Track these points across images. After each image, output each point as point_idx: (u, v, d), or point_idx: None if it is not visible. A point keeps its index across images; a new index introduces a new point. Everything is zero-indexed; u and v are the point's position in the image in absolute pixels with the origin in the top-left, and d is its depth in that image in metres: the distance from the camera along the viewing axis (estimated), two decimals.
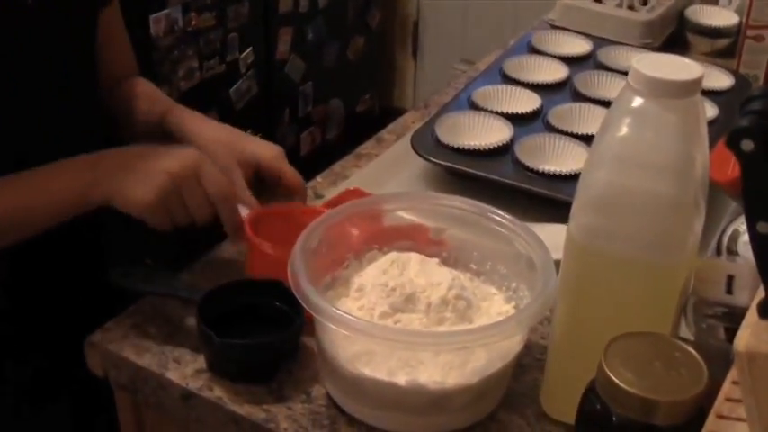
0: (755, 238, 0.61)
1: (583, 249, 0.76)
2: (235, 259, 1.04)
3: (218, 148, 1.05)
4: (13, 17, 0.97)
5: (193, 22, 2.25)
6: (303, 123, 2.79)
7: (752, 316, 0.62)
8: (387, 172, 1.22)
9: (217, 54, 2.35)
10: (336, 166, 1.26)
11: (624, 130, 0.72)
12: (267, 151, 1.07)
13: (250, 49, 2.48)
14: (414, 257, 0.91)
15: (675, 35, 1.65)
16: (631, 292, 0.75)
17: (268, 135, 2.53)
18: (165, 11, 2.14)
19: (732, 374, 0.65)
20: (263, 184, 1.07)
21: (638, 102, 0.71)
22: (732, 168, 0.92)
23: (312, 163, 1.23)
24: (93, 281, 1.11)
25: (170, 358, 0.90)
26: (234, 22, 2.40)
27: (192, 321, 0.91)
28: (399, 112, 3.24)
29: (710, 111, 1.26)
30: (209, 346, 0.87)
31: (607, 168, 0.73)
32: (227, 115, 2.41)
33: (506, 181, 1.12)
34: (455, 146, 1.17)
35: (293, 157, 2.90)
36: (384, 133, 1.36)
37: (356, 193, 1.06)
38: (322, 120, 2.88)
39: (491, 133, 1.21)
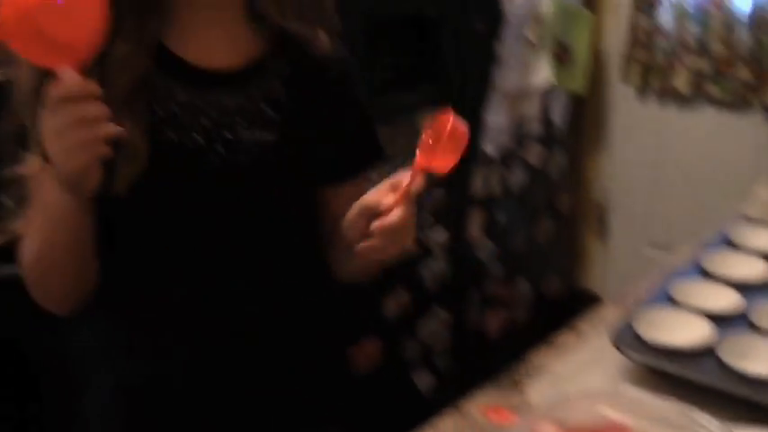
0: None
1: None
2: None
3: None
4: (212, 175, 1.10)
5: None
6: (490, 304, 2.82)
7: None
8: (585, 365, 1.23)
9: None
10: (532, 356, 1.28)
11: None
12: None
13: (442, 229, 2.57)
14: None
15: None
16: None
17: (455, 313, 2.62)
18: None
19: None
20: None
21: None
22: None
23: (499, 346, 1.27)
24: None
25: None
26: (429, 204, 2.49)
27: None
28: (588, 296, 3.23)
29: None
30: None
31: None
32: (418, 293, 2.49)
33: (710, 383, 1.10)
34: (656, 343, 1.17)
35: (479, 338, 2.92)
36: (580, 323, 1.38)
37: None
38: (509, 301, 2.91)
39: (692, 331, 1.20)
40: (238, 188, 1.12)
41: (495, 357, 2.86)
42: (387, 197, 1.03)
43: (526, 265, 2.94)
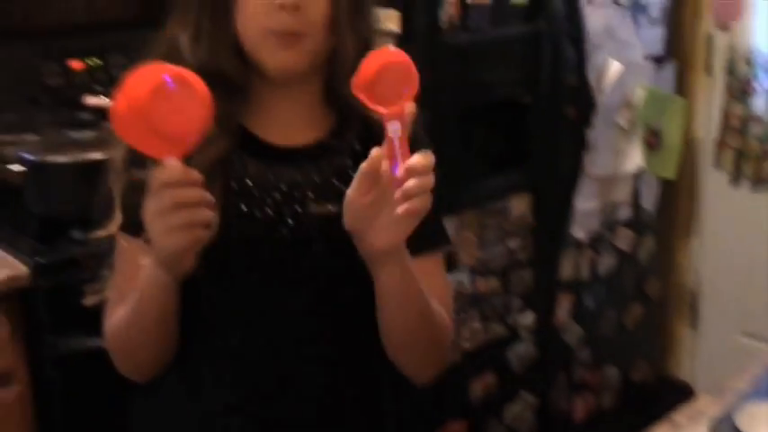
0: None
1: None
2: None
3: None
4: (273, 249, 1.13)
5: (479, 287, 2.37)
6: (578, 389, 2.77)
7: None
8: None
9: (499, 317, 2.44)
10: None
11: None
12: None
13: (531, 313, 2.56)
14: None
15: None
16: None
17: (542, 397, 2.58)
18: (454, 273, 2.27)
19: None
20: None
21: None
22: None
23: None
24: None
25: None
26: (517, 288, 2.50)
27: None
28: (677, 384, 3.14)
29: None
30: None
31: None
32: (504, 375, 2.46)
33: None
34: None
35: (566, 423, 2.88)
36: (676, 415, 1.35)
37: None
38: (597, 386, 2.85)
39: None
40: (307, 259, 1.15)
41: None
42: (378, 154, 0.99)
43: (614, 350, 2.89)
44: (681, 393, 2.92)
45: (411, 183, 0.98)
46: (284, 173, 1.15)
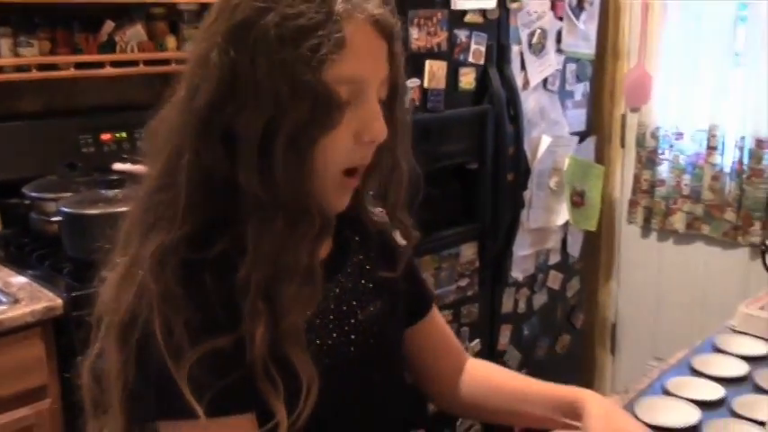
0: None
1: None
2: None
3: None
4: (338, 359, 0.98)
5: None
6: None
7: None
8: None
9: None
10: None
11: None
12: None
13: (478, 340, 2.57)
14: None
15: None
16: None
17: None
18: None
19: None
20: None
21: None
22: None
23: None
24: None
25: None
26: (466, 318, 2.52)
27: None
28: None
29: None
30: None
31: None
32: None
33: None
34: (650, 423, 1.23)
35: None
36: None
37: None
38: None
39: (682, 416, 1.26)
40: (370, 363, 1.01)
41: None
42: None
43: (547, 372, 2.79)
44: None
45: None
46: (327, 290, 0.96)
